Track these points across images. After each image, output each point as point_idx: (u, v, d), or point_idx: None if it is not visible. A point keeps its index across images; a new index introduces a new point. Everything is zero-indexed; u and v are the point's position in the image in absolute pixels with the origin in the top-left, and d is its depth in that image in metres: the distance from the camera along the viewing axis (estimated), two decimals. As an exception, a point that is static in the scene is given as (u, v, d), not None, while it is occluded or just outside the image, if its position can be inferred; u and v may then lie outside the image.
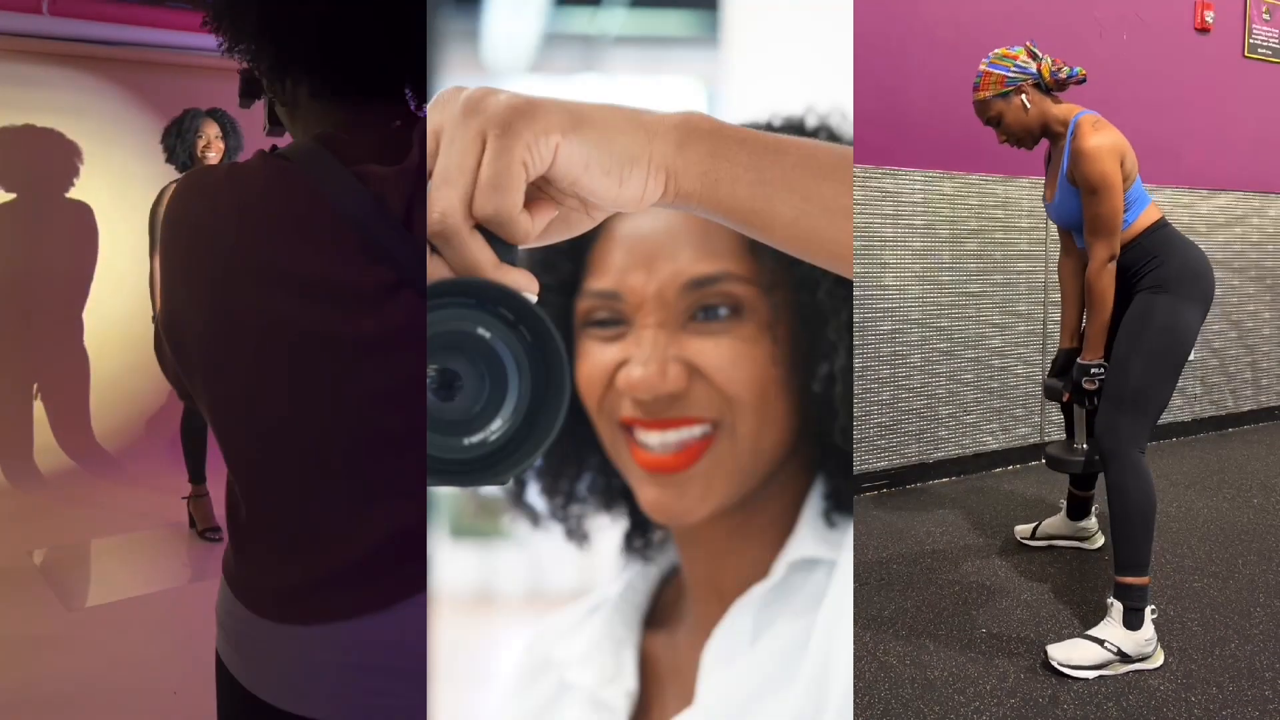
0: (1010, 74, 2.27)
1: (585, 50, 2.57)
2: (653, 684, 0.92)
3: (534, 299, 0.50)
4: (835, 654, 0.76)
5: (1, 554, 3.07)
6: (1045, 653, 2.06)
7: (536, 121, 0.49)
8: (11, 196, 3.77)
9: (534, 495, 0.96)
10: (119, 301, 3.97)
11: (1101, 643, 2.04)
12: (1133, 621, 2.05)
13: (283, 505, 0.79)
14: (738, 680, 0.81)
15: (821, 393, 0.82)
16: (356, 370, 0.75)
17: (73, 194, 3.85)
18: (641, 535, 0.99)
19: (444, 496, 1.52)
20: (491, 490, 0.99)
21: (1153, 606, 2.10)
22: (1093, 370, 2.22)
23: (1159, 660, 2.08)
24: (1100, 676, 2.02)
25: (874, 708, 1.91)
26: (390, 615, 0.78)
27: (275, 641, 0.80)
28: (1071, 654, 2.04)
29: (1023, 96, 2.27)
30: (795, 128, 0.87)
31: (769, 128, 0.87)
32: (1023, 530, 2.92)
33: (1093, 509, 2.81)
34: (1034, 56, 2.29)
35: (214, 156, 3.18)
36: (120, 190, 3.94)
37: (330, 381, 0.75)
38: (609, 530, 0.98)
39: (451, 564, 1.99)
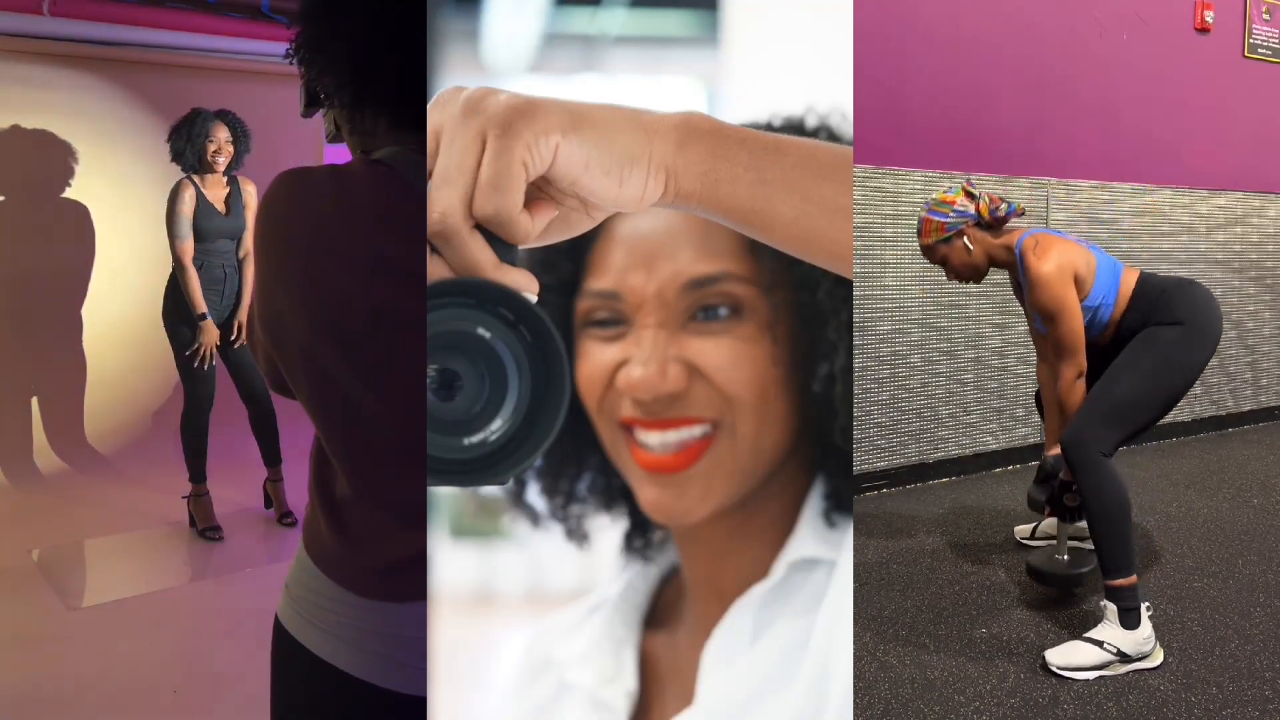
0: (949, 220, 2.32)
1: (585, 50, 2.57)
2: (653, 684, 0.92)
3: (534, 299, 0.50)
4: (835, 654, 0.76)
5: (1, 553, 3.07)
6: (1044, 658, 2.07)
7: (536, 121, 0.49)
8: (7, 198, 3.77)
9: (534, 495, 0.96)
10: (119, 301, 3.97)
11: (1100, 644, 2.04)
12: (1129, 621, 2.05)
13: (392, 485, 0.80)
14: (738, 680, 0.81)
15: (821, 393, 0.82)
16: None
17: (71, 194, 3.85)
18: (641, 535, 0.99)
19: (444, 496, 1.52)
20: (491, 490, 0.99)
21: (1148, 604, 2.10)
22: (1074, 488, 2.23)
23: (1159, 658, 2.08)
24: (1100, 677, 2.02)
25: (874, 708, 1.91)
26: None
27: (368, 618, 0.82)
28: (1071, 657, 2.04)
29: (964, 239, 2.32)
30: (795, 128, 0.87)
31: (769, 128, 0.87)
32: (1022, 530, 2.92)
33: None
34: (971, 197, 2.33)
35: (223, 161, 3.16)
36: (120, 190, 3.94)
37: (422, 364, 0.77)
38: (609, 530, 0.98)
39: (451, 564, 1.99)
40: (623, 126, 0.52)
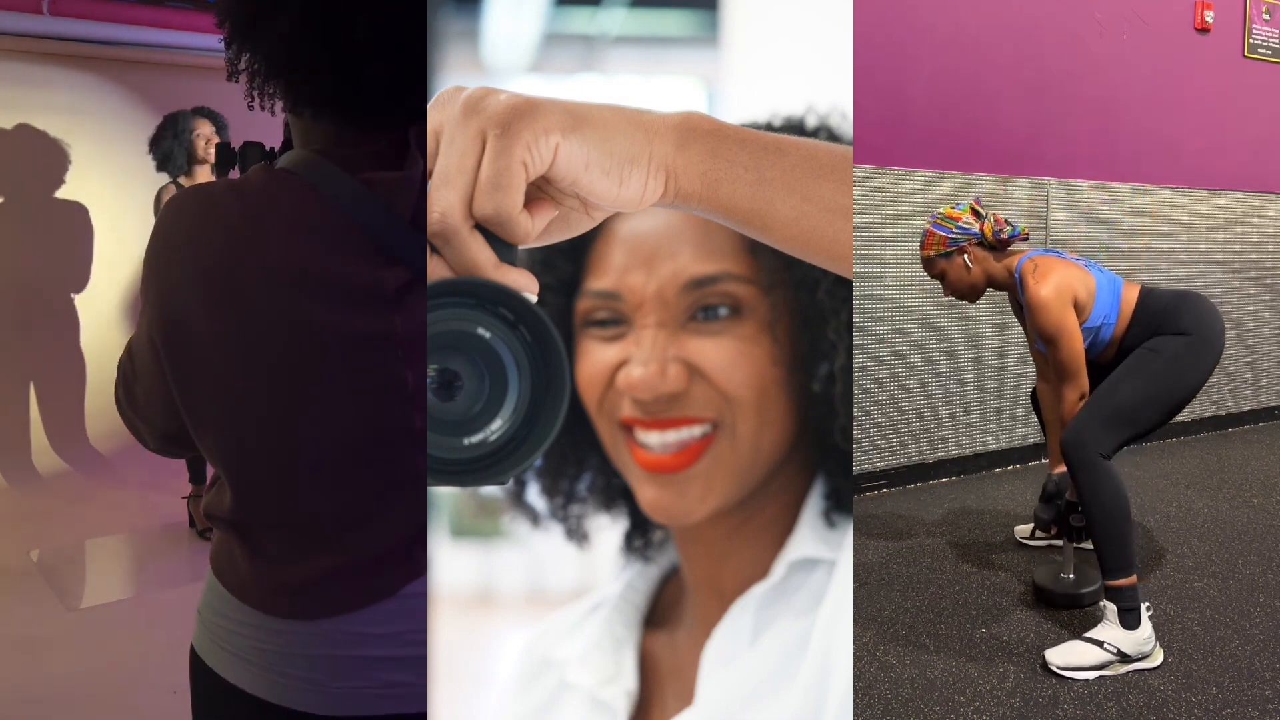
0: (953, 235, 2.32)
1: (585, 50, 2.57)
2: (653, 684, 0.92)
3: (534, 299, 0.50)
4: (835, 654, 0.76)
5: (1, 554, 3.07)
6: (1044, 658, 2.07)
7: (536, 121, 0.49)
8: (6, 198, 3.77)
9: (534, 495, 0.96)
10: (119, 301, 3.97)
11: (1100, 644, 2.04)
12: (1129, 621, 2.05)
13: (302, 502, 0.79)
14: (738, 680, 0.81)
15: (821, 392, 0.82)
16: (378, 367, 0.76)
17: (72, 194, 3.85)
18: (641, 535, 0.99)
19: (444, 496, 1.52)
20: (491, 490, 0.99)
21: (1148, 604, 2.10)
22: (1080, 509, 2.22)
23: (1159, 659, 2.08)
24: (1100, 677, 2.02)
25: (874, 708, 1.91)
26: (394, 604, 0.80)
27: (279, 639, 0.80)
28: (1070, 657, 2.04)
29: (965, 256, 2.32)
30: (795, 128, 0.87)
31: (769, 128, 0.87)
32: (1022, 530, 2.92)
33: None
34: (978, 216, 2.33)
35: (214, 152, 3.17)
36: (120, 190, 3.94)
37: (339, 377, 0.76)
38: (609, 530, 0.98)
39: (451, 564, 1.99)
40: (622, 126, 0.51)
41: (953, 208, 2.36)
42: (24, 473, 3.76)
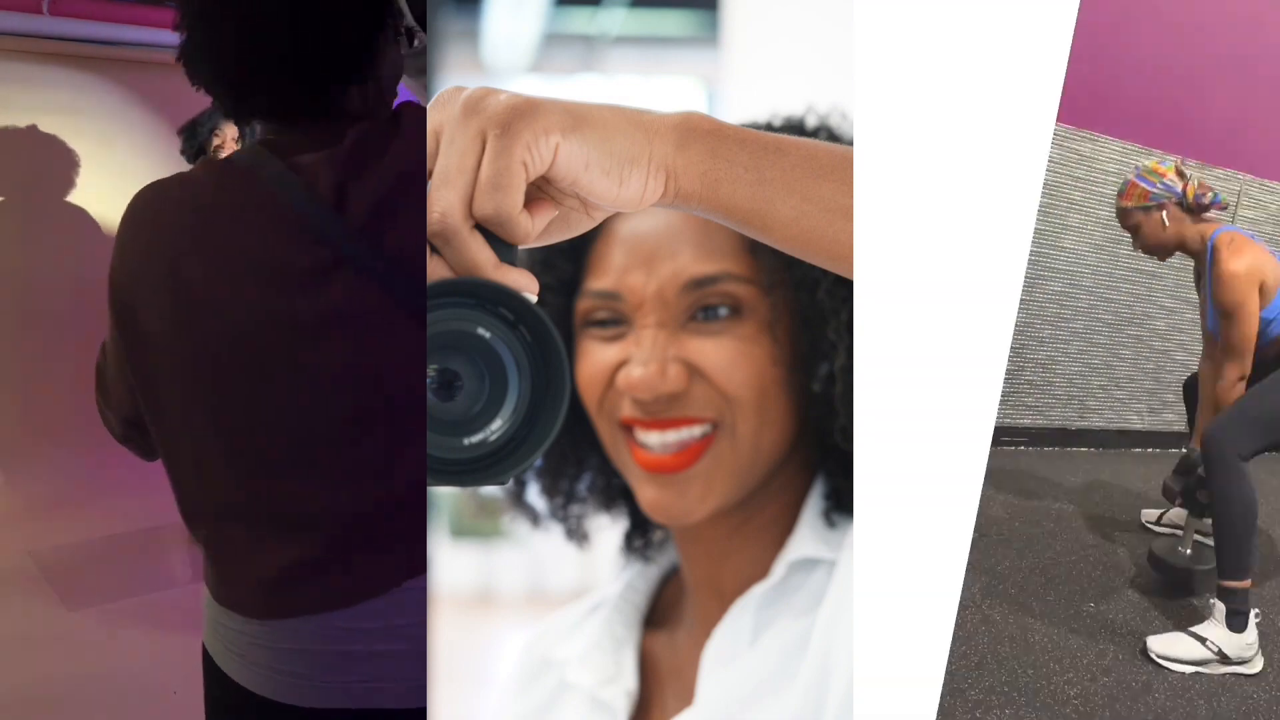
0: (1155, 190, 2.32)
1: (585, 50, 2.58)
2: (653, 684, 0.92)
3: (534, 299, 0.50)
4: (835, 654, 0.76)
5: (1, 553, 3.07)
6: (1145, 644, 2.07)
7: (536, 121, 0.49)
8: (6, 198, 3.76)
9: (534, 495, 0.96)
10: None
11: (1203, 640, 2.05)
12: (1236, 624, 2.06)
13: (248, 491, 0.82)
14: (738, 680, 0.81)
15: (821, 392, 0.82)
16: (302, 350, 0.79)
17: (71, 194, 3.85)
18: (641, 535, 0.99)
19: (444, 496, 1.52)
20: (491, 490, 0.99)
21: (1257, 610, 2.10)
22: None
23: (1258, 666, 2.07)
24: (1196, 672, 2.03)
25: (969, 658, 1.92)
26: (385, 599, 0.82)
27: (256, 634, 0.82)
28: (1171, 648, 2.05)
29: (1163, 213, 2.32)
30: (795, 128, 0.87)
31: (769, 128, 0.87)
32: (1149, 514, 2.93)
33: None
34: (1182, 176, 2.33)
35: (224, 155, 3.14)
36: (119, 190, 3.93)
37: (278, 361, 0.78)
38: (609, 530, 0.98)
39: (451, 564, 2.00)
40: (622, 126, 0.51)
41: (1158, 163, 2.37)
42: (24, 473, 3.75)
